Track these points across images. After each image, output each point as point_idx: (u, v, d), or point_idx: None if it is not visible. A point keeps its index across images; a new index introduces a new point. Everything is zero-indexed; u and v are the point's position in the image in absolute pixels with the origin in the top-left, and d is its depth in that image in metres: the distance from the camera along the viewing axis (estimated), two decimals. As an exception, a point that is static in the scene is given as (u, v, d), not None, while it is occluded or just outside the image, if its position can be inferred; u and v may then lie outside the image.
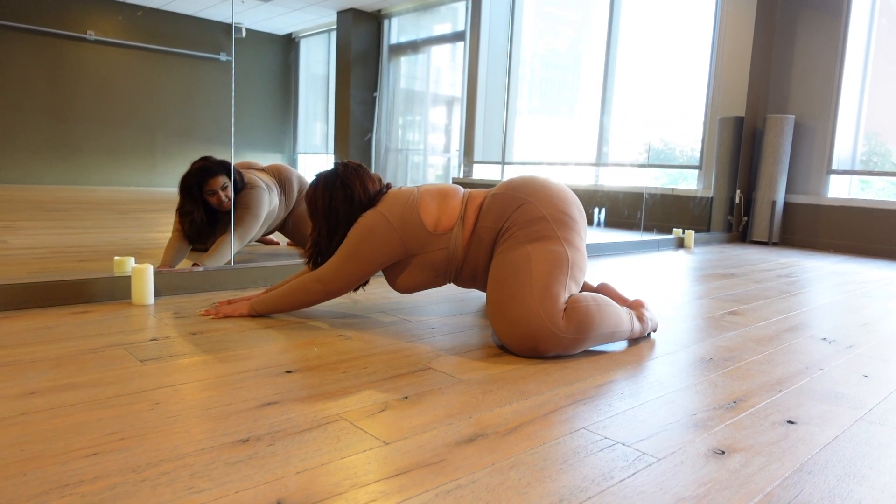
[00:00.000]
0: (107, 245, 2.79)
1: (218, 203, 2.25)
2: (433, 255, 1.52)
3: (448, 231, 1.51)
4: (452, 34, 7.18)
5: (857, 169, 4.29)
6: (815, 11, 4.30)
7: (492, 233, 1.49)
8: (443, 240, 1.51)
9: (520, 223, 1.45)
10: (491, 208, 1.51)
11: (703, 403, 1.15)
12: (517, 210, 1.47)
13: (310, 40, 9.23)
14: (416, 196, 1.53)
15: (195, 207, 2.23)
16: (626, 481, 0.84)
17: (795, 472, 0.89)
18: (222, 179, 2.24)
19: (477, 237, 1.51)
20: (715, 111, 4.63)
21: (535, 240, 1.42)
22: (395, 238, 1.49)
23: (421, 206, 1.51)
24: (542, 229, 1.43)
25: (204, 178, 2.22)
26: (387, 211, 1.51)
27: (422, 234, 1.50)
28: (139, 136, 8.25)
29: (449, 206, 1.53)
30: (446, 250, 1.52)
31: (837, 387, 1.29)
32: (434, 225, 1.51)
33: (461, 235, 1.52)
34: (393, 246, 1.50)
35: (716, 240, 4.39)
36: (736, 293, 2.36)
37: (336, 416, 1.00)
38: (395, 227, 1.49)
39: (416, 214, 1.50)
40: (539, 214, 1.45)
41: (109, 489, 0.75)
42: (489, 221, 1.50)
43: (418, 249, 1.52)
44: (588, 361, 1.37)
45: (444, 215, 1.52)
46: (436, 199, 1.54)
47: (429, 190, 1.56)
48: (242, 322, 1.58)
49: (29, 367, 1.17)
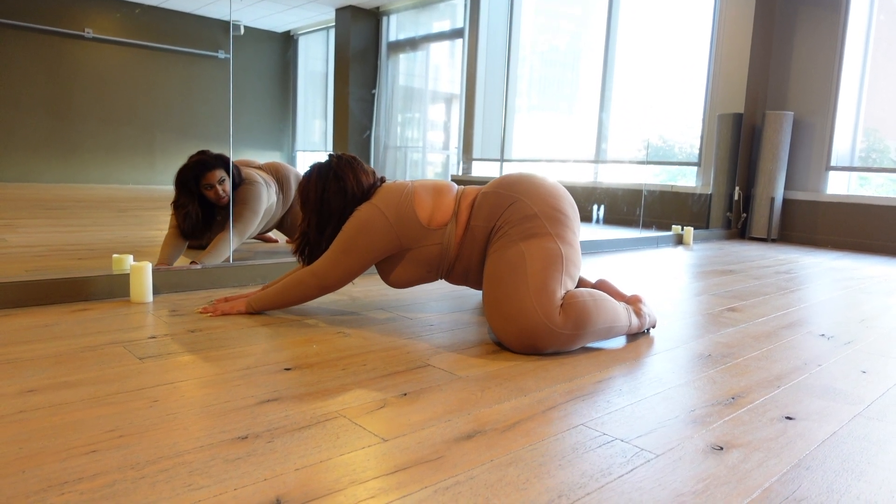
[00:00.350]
0: (105, 243, 2.78)
1: (215, 197, 2.24)
2: (427, 250, 1.52)
3: (442, 226, 1.51)
4: (451, 31, 7.17)
5: (856, 165, 4.30)
6: (814, 7, 4.30)
7: (484, 231, 1.50)
8: (437, 235, 1.51)
9: (512, 221, 1.45)
10: (482, 206, 1.51)
11: (701, 399, 1.15)
12: (508, 208, 1.47)
13: (308, 37, 9.22)
14: (411, 189, 1.53)
15: (191, 201, 2.21)
16: (625, 477, 0.84)
17: (794, 467, 0.90)
18: (219, 173, 2.23)
19: (470, 235, 1.51)
20: (714, 108, 4.63)
21: (528, 237, 1.42)
22: (391, 231, 1.49)
23: (415, 201, 1.51)
24: (534, 227, 1.43)
25: (201, 172, 2.21)
26: (382, 204, 1.50)
27: (416, 229, 1.50)
28: (138, 133, 8.24)
29: (443, 201, 1.53)
30: (440, 246, 1.52)
31: (836, 383, 1.29)
32: (428, 220, 1.51)
33: (455, 232, 1.52)
34: (388, 239, 1.50)
35: (715, 236, 4.40)
36: (734, 290, 2.36)
37: (335, 413, 1.00)
38: (391, 221, 1.49)
39: (410, 209, 1.50)
40: (531, 212, 1.45)
41: (108, 486, 0.75)
42: (481, 220, 1.50)
43: (412, 244, 1.52)
44: (586, 358, 1.38)
45: (439, 211, 1.52)
46: (430, 194, 1.54)
47: (423, 184, 1.56)
48: (241, 319, 1.58)
49: (28, 365, 1.17)
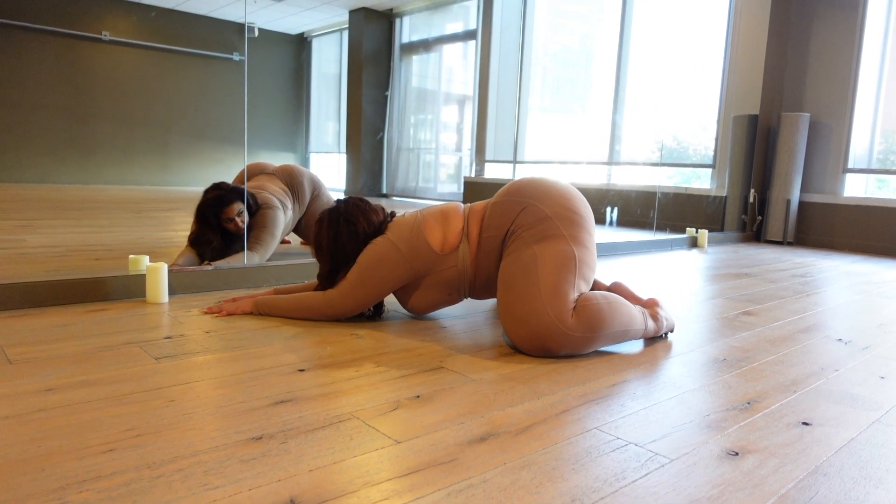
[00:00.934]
0: (122, 244, 2.82)
1: (235, 229, 2.30)
2: (443, 274, 1.55)
3: (455, 249, 1.54)
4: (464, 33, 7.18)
5: (874, 167, 4.24)
6: (830, 8, 4.26)
7: (498, 239, 1.51)
8: (451, 258, 1.53)
9: (525, 225, 1.45)
10: (493, 216, 1.52)
11: (716, 404, 1.14)
12: (521, 213, 1.47)
13: (322, 39, 9.27)
14: (421, 220, 1.56)
15: (214, 236, 2.26)
16: (639, 482, 0.84)
17: (810, 474, 0.89)
18: (238, 206, 2.28)
19: (484, 247, 1.52)
20: (729, 109, 4.59)
21: (541, 239, 1.42)
22: (404, 263, 1.52)
23: (426, 229, 1.54)
24: (547, 228, 1.43)
25: (220, 208, 2.25)
26: (395, 237, 1.53)
27: (430, 256, 1.53)
28: (153, 135, 8.32)
29: (452, 225, 1.55)
30: (455, 268, 1.54)
31: (853, 388, 1.28)
32: (440, 246, 1.53)
33: (468, 251, 1.54)
34: (401, 270, 1.53)
35: (729, 239, 4.36)
36: (750, 293, 2.34)
37: (348, 415, 1.01)
38: (404, 253, 1.52)
39: (422, 238, 1.53)
40: (543, 214, 1.45)
41: (125, 485, 0.76)
42: (493, 230, 1.51)
43: (427, 271, 1.54)
44: (600, 361, 1.37)
45: (450, 234, 1.55)
46: (439, 221, 1.56)
47: (432, 212, 1.58)
48: (255, 320, 1.59)
49: (46, 364, 1.19)
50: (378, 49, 7.99)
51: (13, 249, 2.52)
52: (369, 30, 7.87)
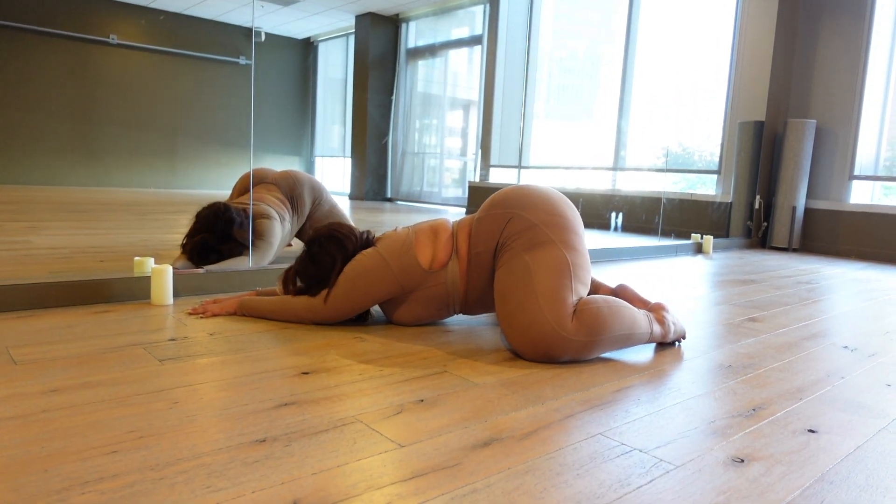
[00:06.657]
0: (127, 246, 2.82)
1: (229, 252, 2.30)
2: (431, 291, 1.54)
3: (443, 266, 1.53)
4: (470, 38, 7.19)
5: (880, 174, 4.23)
6: (837, 14, 4.25)
7: (488, 255, 1.50)
8: (439, 275, 1.53)
9: (514, 235, 1.45)
10: (479, 233, 1.51)
11: (721, 411, 1.14)
12: (507, 224, 1.47)
13: (328, 44, 9.30)
14: (412, 237, 1.56)
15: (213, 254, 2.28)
16: (644, 488, 0.83)
17: (816, 481, 0.88)
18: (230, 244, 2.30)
19: (474, 263, 1.52)
20: (735, 115, 4.58)
21: (532, 247, 1.42)
22: (392, 278, 1.52)
23: (417, 247, 1.54)
24: (536, 235, 1.43)
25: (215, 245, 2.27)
26: (386, 252, 1.53)
27: (418, 274, 1.52)
28: (160, 138, 8.36)
29: (441, 241, 1.55)
30: (444, 285, 1.54)
31: (859, 396, 1.27)
32: (429, 263, 1.53)
33: (458, 267, 1.53)
34: (388, 285, 1.52)
35: (735, 245, 4.35)
36: (755, 300, 2.33)
37: (352, 418, 1.01)
38: (393, 270, 1.52)
39: (412, 256, 1.52)
40: (530, 223, 1.45)
41: (128, 486, 0.76)
42: (481, 246, 1.51)
43: (415, 287, 1.54)
44: (604, 367, 1.37)
45: (439, 251, 1.54)
46: (429, 237, 1.56)
47: (422, 229, 1.58)
48: (259, 323, 1.59)
49: (50, 365, 1.19)
50: (384, 54, 8.01)
51: (19, 251, 2.53)
52: (375, 34, 7.90)
